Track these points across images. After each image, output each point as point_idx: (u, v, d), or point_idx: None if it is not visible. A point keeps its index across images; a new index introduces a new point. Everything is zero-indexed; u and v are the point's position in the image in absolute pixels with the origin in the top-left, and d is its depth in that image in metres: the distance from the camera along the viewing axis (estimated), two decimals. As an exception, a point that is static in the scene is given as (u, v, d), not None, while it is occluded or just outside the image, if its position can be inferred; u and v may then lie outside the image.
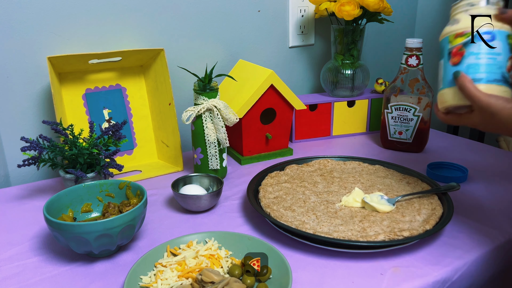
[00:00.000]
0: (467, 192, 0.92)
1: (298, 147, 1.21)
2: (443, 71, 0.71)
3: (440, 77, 0.71)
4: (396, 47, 1.56)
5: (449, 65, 0.70)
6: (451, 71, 0.69)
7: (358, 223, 0.77)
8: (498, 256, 0.75)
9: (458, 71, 0.67)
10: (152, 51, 1.04)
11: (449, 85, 0.69)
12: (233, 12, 1.22)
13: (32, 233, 0.81)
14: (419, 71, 1.10)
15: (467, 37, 0.68)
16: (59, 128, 0.88)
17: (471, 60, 0.67)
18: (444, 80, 0.70)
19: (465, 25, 0.68)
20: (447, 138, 1.26)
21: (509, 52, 0.67)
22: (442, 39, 0.71)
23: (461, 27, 0.69)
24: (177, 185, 0.91)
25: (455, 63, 0.69)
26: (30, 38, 0.99)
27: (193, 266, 0.67)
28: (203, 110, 0.95)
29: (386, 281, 0.66)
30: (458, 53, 0.69)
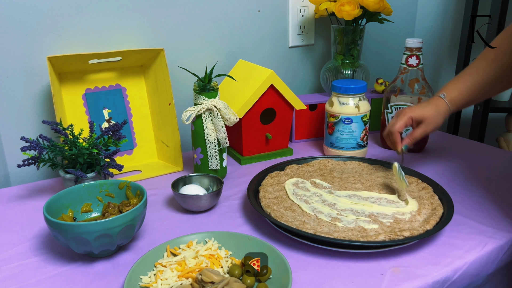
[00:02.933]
0: (467, 192, 0.93)
1: (298, 147, 1.21)
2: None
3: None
4: (396, 47, 1.56)
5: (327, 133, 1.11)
6: (328, 139, 1.11)
7: (358, 223, 0.77)
8: (498, 256, 0.75)
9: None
10: (152, 51, 1.04)
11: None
12: (233, 12, 1.22)
13: (32, 233, 0.81)
14: (419, 71, 1.10)
15: (336, 119, 1.06)
16: (59, 128, 0.88)
17: (337, 134, 1.08)
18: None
19: (336, 110, 1.06)
20: (447, 138, 1.26)
21: (363, 127, 1.07)
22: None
23: (333, 111, 1.07)
24: (177, 185, 0.91)
25: (329, 133, 1.09)
26: (30, 38, 0.99)
27: (193, 266, 0.67)
28: (203, 110, 0.95)
29: (386, 281, 0.66)
30: (331, 128, 1.08)
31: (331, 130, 1.09)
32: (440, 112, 0.88)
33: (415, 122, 0.89)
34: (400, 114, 0.90)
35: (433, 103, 0.89)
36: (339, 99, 1.07)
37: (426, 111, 0.88)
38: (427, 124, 0.88)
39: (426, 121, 0.88)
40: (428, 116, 0.88)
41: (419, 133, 0.89)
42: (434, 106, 0.88)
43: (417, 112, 0.88)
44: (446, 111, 0.88)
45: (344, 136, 1.08)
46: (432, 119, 0.88)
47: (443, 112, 0.88)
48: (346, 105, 1.06)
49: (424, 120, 0.88)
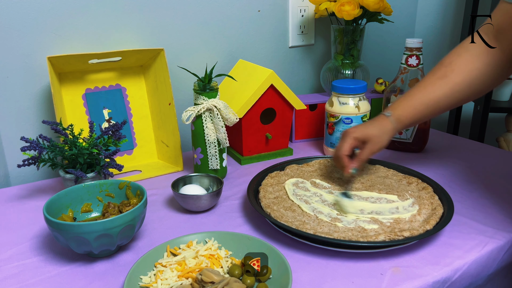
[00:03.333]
0: (467, 192, 0.93)
1: (298, 147, 1.21)
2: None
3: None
4: (396, 47, 1.56)
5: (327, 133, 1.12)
6: (328, 139, 1.12)
7: (358, 223, 0.77)
8: (497, 256, 0.75)
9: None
10: (152, 51, 1.04)
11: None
12: (233, 12, 1.22)
13: (32, 233, 0.81)
14: (419, 71, 1.10)
15: (336, 119, 1.07)
16: (59, 128, 0.88)
17: (338, 134, 1.07)
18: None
19: (336, 110, 1.07)
20: (447, 138, 1.26)
21: None
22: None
23: (333, 111, 1.08)
24: (177, 185, 0.91)
25: (329, 133, 1.10)
26: (30, 38, 0.99)
27: (193, 266, 0.67)
28: (203, 110, 0.95)
29: (386, 281, 0.66)
30: (331, 128, 1.09)
31: (331, 130, 1.09)
32: (384, 131, 0.86)
33: (360, 142, 0.87)
34: (345, 136, 0.88)
35: (377, 122, 0.88)
36: (339, 99, 1.07)
37: (370, 130, 0.87)
38: (372, 144, 0.86)
39: (371, 141, 0.86)
40: (371, 135, 0.86)
41: (365, 155, 0.87)
42: (378, 124, 0.87)
43: (360, 133, 0.87)
44: (391, 129, 0.86)
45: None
46: (377, 139, 0.86)
47: (387, 130, 0.86)
48: (346, 105, 1.06)
49: (369, 140, 0.86)
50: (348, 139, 0.87)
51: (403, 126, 0.88)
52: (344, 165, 0.87)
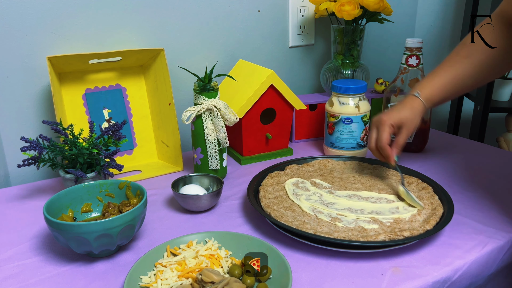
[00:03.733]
0: (467, 192, 0.92)
1: (298, 147, 1.21)
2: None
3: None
4: (396, 47, 1.56)
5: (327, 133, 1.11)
6: (328, 139, 1.12)
7: (358, 223, 0.77)
8: (497, 256, 0.75)
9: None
10: (152, 51, 1.04)
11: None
12: (233, 12, 1.22)
13: (32, 233, 0.81)
14: (419, 71, 1.10)
15: (336, 119, 1.07)
16: (59, 128, 0.88)
17: (338, 134, 1.09)
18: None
19: (336, 110, 1.07)
20: (447, 138, 1.26)
21: (363, 126, 1.07)
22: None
23: (333, 111, 1.08)
24: (177, 185, 0.91)
25: (329, 133, 1.10)
26: (30, 38, 0.99)
27: (193, 266, 0.67)
28: (203, 110, 0.95)
29: (386, 281, 0.66)
30: (331, 128, 1.09)
31: (331, 130, 1.09)
32: (416, 112, 0.87)
33: (396, 127, 0.88)
34: (379, 125, 0.88)
35: (408, 104, 0.88)
36: (339, 99, 1.07)
37: (403, 114, 0.87)
38: (407, 127, 0.87)
39: (405, 124, 0.86)
40: (406, 119, 0.87)
41: (402, 139, 0.87)
42: (410, 107, 0.87)
43: (395, 119, 0.87)
44: (422, 109, 0.87)
45: (344, 136, 1.08)
46: (410, 121, 0.87)
47: (419, 111, 0.87)
48: (346, 105, 1.06)
49: (403, 124, 0.87)
50: (385, 127, 0.87)
51: (432, 104, 0.88)
52: (388, 155, 0.87)
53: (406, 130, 0.87)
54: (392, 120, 0.87)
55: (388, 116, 0.87)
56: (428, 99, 0.87)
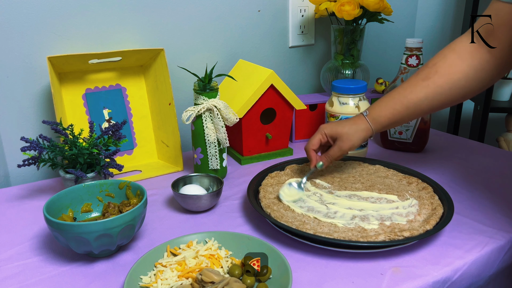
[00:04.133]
0: (467, 192, 0.93)
1: (298, 147, 1.21)
2: None
3: None
4: (396, 47, 1.56)
5: None
6: None
7: (358, 223, 0.77)
8: (498, 256, 0.75)
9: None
10: (152, 51, 1.04)
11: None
12: (233, 12, 1.22)
13: (32, 233, 0.81)
14: (419, 71, 1.10)
15: (336, 119, 1.07)
16: (59, 128, 0.88)
17: None
18: None
19: (336, 110, 1.07)
20: (447, 138, 1.26)
21: None
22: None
23: (333, 111, 1.08)
24: (177, 185, 0.91)
25: None
26: (30, 38, 0.99)
27: (193, 266, 0.67)
28: (203, 110, 0.95)
29: (386, 281, 0.66)
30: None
31: None
32: (357, 129, 0.85)
33: (330, 138, 0.87)
34: (318, 130, 0.89)
35: (352, 120, 0.87)
36: (339, 99, 1.07)
37: (341, 128, 0.86)
38: (341, 141, 0.86)
39: (340, 138, 0.86)
40: (342, 133, 0.86)
41: (334, 152, 0.87)
42: (352, 123, 0.86)
43: (330, 129, 0.87)
44: (364, 129, 0.85)
45: None
46: (347, 136, 0.85)
47: (360, 129, 0.85)
48: (346, 105, 1.06)
49: (338, 138, 0.86)
50: (318, 133, 0.88)
51: (380, 126, 0.86)
52: (310, 159, 0.89)
53: (339, 143, 0.86)
54: (327, 130, 0.87)
55: (327, 125, 0.89)
56: (375, 120, 0.85)
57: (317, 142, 0.88)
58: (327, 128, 0.88)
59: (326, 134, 0.87)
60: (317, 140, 0.88)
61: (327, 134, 0.87)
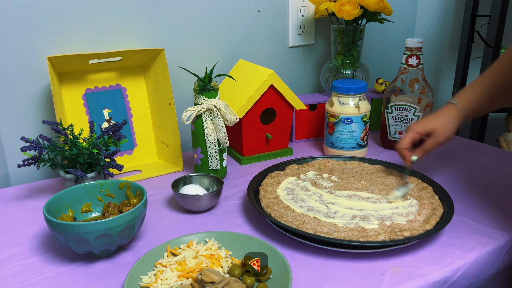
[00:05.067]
0: (467, 192, 0.92)
1: (298, 147, 1.21)
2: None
3: None
4: (396, 47, 1.56)
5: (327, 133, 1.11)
6: (328, 139, 1.12)
7: (358, 223, 0.77)
8: (498, 256, 0.75)
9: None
10: (152, 51, 1.04)
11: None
12: (233, 12, 1.22)
13: (32, 233, 0.81)
14: (419, 71, 1.10)
15: (336, 119, 1.07)
16: (59, 128, 0.88)
17: (338, 134, 1.09)
18: None
19: (336, 110, 1.07)
20: (447, 138, 1.26)
21: (364, 126, 1.08)
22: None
23: (333, 111, 1.08)
24: (177, 185, 0.91)
25: (330, 133, 1.10)
26: (30, 38, 0.99)
27: (193, 266, 0.67)
28: (203, 110, 0.95)
29: (386, 281, 0.66)
30: (331, 128, 1.09)
31: (331, 130, 1.09)
32: (450, 119, 0.85)
33: (423, 135, 0.87)
34: (408, 130, 0.89)
35: (443, 112, 0.86)
36: (339, 99, 1.07)
37: (433, 122, 0.86)
38: (437, 135, 0.86)
39: (435, 132, 0.85)
40: (435, 127, 0.85)
41: (429, 145, 0.86)
42: (443, 115, 0.86)
43: (423, 127, 0.87)
44: (457, 118, 0.84)
45: (344, 136, 1.08)
46: (442, 129, 0.85)
47: (453, 119, 0.85)
48: (346, 105, 1.06)
49: (433, 132, 0.86)
50: (410, 133, 0.87)
51: (472, 112, 0.85)
52: (403, 157, 0.88)
53: (434, 138, 0.86)
54: (419, 128, 0.87)
55: (418, 124, 0.88)
56: (466, 106, 0.84)
57: (409, 141, 0.87)
58: (418, 127, 0.87)
59: (419, 132, 0.87)
60: (409, 139, 0.87)
61: (420, 132, 0.87)
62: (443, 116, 0.86)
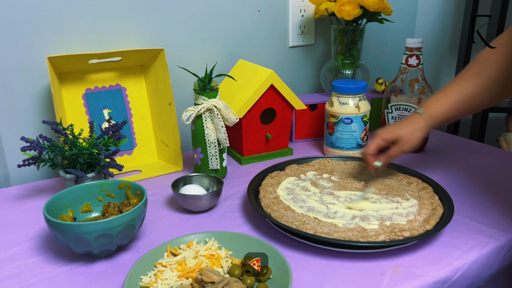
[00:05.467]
0: (467, 192, 0.92)
1: (298, 147, 1.21)
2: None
3: None
4: (396, 47, 1.56)
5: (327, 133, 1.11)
6: (328, 139, 1.12)
7: (358, 223, 0.77)
8: (498, 256, 0.75)
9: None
10: (152, 51, 1.04)
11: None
12: (233, 12, 1.22)
13: (32, 233, 0.81)
14: (419, 71, 1.10)
15: (336, 119, 1.07)
16: (59, 128, 0.88)
17: (338, 134, 1.09)
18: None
19: (336, 110, 1.07)
20: (447, 138, 1.26)
21: (364, 126, 1.08)
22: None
23: (333, 111, 1.08)
24: (177, 185, 0.91)
25: (329, 133, 1.10)
26: (30, 38, 0.99)
27: (193, 266, 0.67)
28: (203, 110, 0.95)
29: (386, 281, 0.66)
30: (331, 128, 1.09)
31: (331, 130, 1.09)
32: (417, 129, 0.85)
33: (389, 143, 0.87)
34: (375, 136, 0.88)
35: (409, 120, 0.87)
36: (339, 99, 1.07)
37: (400, 130, 0.86)
38: (402, 143, 0.86)
39: (401, 140, 0.86)
40: (402, 135, 0.86)
41: (395, 152, 0.87)
42: (410, 123, 0.86)
43: (390, 134, 0.87)
44: (424, 127, 0.85)
45: (344, 136, 1.08)
46: (407, 138, 0.85)
47: (420, 128, 0.85)
48: (346, 105, 1.06)
49: (399, 140, 0.86)
50: (377, 139, 0.87)
51: (437, 123, 0.86)
52: (368, 162, 0.88)
53: (400, 145, 0.86)
54: (386, 134, 0.87)
55: (385, 130, 0.88)
56: (432, 117, 0.85)
57: (375, 147, 0.87)
58: (385, 133, 0.87)
59: (385, 139, 0.87)
60: (376, 145, 0.87)
61: (387, 139, 0.87)
62: (410, 124, 0.86)
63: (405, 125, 0.87)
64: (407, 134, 0.86)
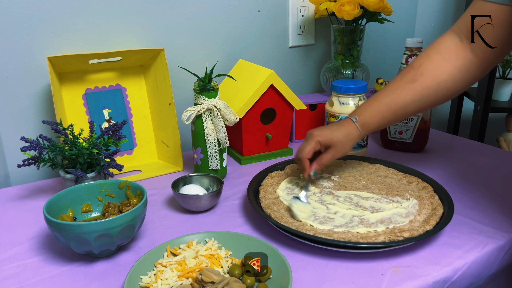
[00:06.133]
0: (467, 192, 0.92)
1: (298, 147, 1.21)
2: None
3: None
4: (396, 47, 1.56)
5: None
6: None
7: (358, 224, 0.77)
8: (498, 256, 0.75)
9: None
10: (152, 51, 1.04)
11: None
12: (233, 12, 1.22)
13: (32, 233, 0.81)
14: (419, 71, 1.10)
15: (336, 119, 1.07)
16: (59, 128, 0.88)
17: None
18: None
19: (336, 110, 1.07)
20: (447, 138, 1.26)
21: None
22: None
23: (333, 111, 1.08)
24: (177, 185, 0.91)
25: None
26: (30, 38, 0.99)
27: (193, 266, 0.67)
28: (203, 110, 0.95)
29: (386, 281, 0.66)
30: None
31: None
32: (350, 137, 0.85)
33: (323, 146, 0.86)
34: (309, 138, 0.87)
35: (344, 127, 0.86)
36: (339, 99, 1.07)
37: (335, 135, 0.85)
38: (335, 149, 0.85)
39: (334, 146, 0.85)
40: (336, 141, 0.85)
41: (326, 159, 0.86)
42: (344, 130, 0.85)
43: (325, 137, 0.85)
44: (356, 136, 0.85)
45: None
46: (341, 145, 0.85)
47: (353, 137, 0.85)
48: (346, 105, 1.06)
49: (332, 145, 0.85)
50: (312, 142, 0.85)
51: (368, 131, 0.86)
52: (304, 168, 0.86)
53: (333, 152, 0.85)
54: (321, 138, 0.85)
55: (320, 133, 0.86)
56: (364, 125, 0.85)
57: (311, 151, 0.85)
58: (320, 136, 0.85)
59: (320, 142, 0.85)
60: (311, 149, 0.85)
61: (321, 142, 0.85)
62: (344, 131, 0.85)
63: (340, 131, 0.86)
64: (341, 140, 0.85)
